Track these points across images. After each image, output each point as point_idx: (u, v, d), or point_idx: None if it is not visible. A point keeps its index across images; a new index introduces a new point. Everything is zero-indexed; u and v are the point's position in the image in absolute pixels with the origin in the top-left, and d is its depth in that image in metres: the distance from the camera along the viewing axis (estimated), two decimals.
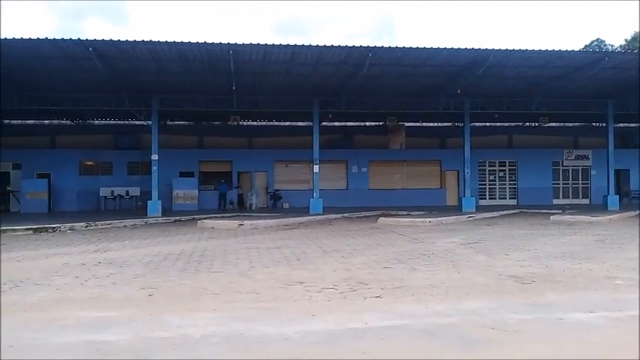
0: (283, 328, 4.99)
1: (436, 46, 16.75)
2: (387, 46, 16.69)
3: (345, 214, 21.09)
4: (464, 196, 23.45)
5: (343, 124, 29.54)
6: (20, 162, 26.05)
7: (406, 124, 29.00)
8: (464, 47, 16.83)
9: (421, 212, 21.17)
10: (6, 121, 27.59)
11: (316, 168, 22.33)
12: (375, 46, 16.58)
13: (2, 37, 14.93)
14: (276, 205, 26.62)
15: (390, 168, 28.60)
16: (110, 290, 6.89)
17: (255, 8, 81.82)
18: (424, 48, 16.85)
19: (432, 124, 30.61)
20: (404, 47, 16.78)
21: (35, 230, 15.67)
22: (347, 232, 14.60)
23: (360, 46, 16.54)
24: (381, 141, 29.60)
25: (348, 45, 16.51)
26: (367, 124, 30.12)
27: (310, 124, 23.03)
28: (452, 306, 5.87)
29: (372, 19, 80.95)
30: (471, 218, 19.39)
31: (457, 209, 23.07)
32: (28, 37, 15.03)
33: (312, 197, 22.28)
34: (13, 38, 14.99)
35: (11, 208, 25.59)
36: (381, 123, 28.87)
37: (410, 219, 17.76)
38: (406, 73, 19.39)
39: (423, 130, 30.55)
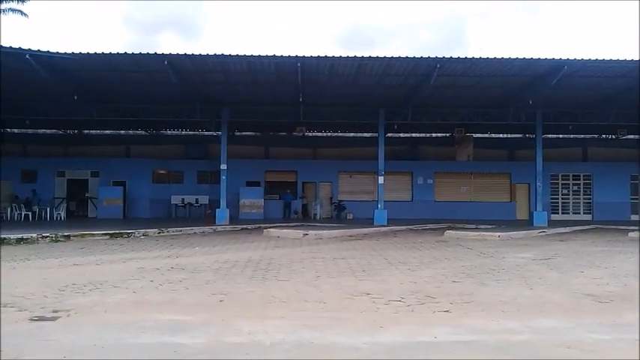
0: (352, 339, 4.98)
1: (507, 57, 16.34)
2: (456, 56, 16.45)
3: (410, 226, 20.84)
4: (535, 210, 22.61)
5: (409, 135, 29.26)
6: (98, 170, 27.50)
7: (474, 135, 28.39)
8: (537, 57, 16.33)
9: (489, 226, 20.60)
10: (85, 131, 29.24)
11: (381, 179, 22.22)
12: (444, 57, 16.37)
13: (84, 52, 15.83)
14: (339, 215, 26.67)
15: (457, 180, 28.07)
16: (183, 295, 7.12)
17: (321, 20, 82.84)
18: (495, 58, 16.48)
19: (501, 136, 29.77)
20: (473, 58, 16.49)
21: (112, 235, 16.44)
22: (412, 245, 14.42)
23: (428, 57, 16.39)
24: (448, 152, 29.11)
25: (416, 56, 16.40)
26: (433, 135, 29.71)
27: (375, 135, 22.96)
28: (524, 323, 5.67)
29: (441, 31, 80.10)
30: (542, 233, 18.66)
31: (528, 224, 22.26)
32: (109, 52, 15.90)
33: (377, 208, 22.17)
34: (95, 53, 15.89)
35: (89, 214, 27.01)
36: (447, 134, 28.43)
37: (478, 232, 17.31)
38: (475, 83, 19.02)
39: (492, 142, 29.78)
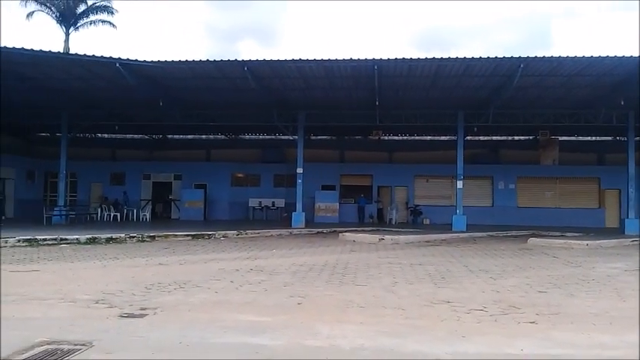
0: (433, 348, 4.86)
1: (597, 55, 15.44)
2: (542, 56, 15.73)
3: (491, 233, 20.14)
4: (627, 217, 21.20)
5: (489, 137, 28.31)
6: (181, 173, 28.66)
7: (560, 137, 27.03)
8: (629, 55, 15.31)
9: (576, 234, 19.53)
10: (169, 136, 30.57)
11: (460, 183, 21.65)
12: (528, 57, 15.70)
13: (170, 60, 16.51)
14: (416, 220, 26.25)
15: (541, 185, 26.86)
16: (262, 296, 7.22)
17: (397, 22, 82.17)
18: (582, 57, 15.61)
19: (589, 138, 28.17)
20: (560, 57, 15.69)
21: (193, 236, 17.05)
22: (494, 252, 13.91)
23: (511, 57, 15.78)
24: (531, 156, 27.88)
25: (498, 56, 15.84)
26: (516, 138, 28.60)
27: (454, 137, 22.41)
28: (618, 337, 5.32)
29: (521, 31, 77.24)
30: (635, 242, 17.44)
31: (618, 232, 20.91)
32: (192, 60, 16.51)
33: (455, 214, 21.63)
34: (180, 61, 16.54)
35: (172, 215, 28.19)
36: (531, 137, 27.30)
37: (564, 240, 16.45)
38: (561, 83, 18.12)
39: (579, 145, 28.20)
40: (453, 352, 4.74)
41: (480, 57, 15.90)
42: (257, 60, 16.48)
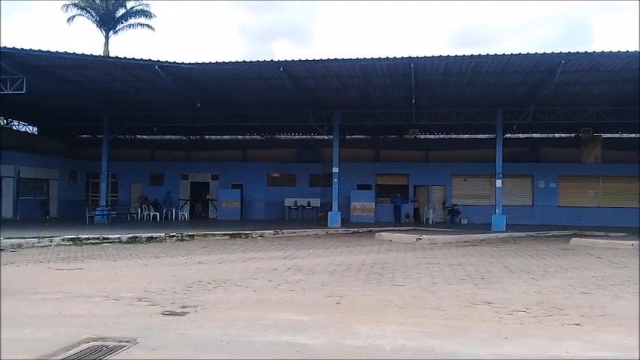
0: (475, 349, 4.77)
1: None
2: (584, 51, 15.31)
3: (531, 233, 19.70)
4: None
5: (529, 135, 27.75)
6: (218, 173, 29.07)
7: (602, 135, 26.25)
8: None
9: (621, 233, 18.91)
10: (206, 137, 31.03)
11: (499, 182, 21.28)
12: (569, 52, 15.30)
13: (207, 61, 16.71)
14: (453, 220, 25.91)
15: (583, 184, 26.14)
16: (300, 295, 7.25)
17: (433, 20, 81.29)
18: (625, 52, 15.12)
19: (634, 136, 27.27)
20: (603, 52, 15.23)
21: (231, 236, 17.25)
22: (535, 252, 13.61)
23: (552, 52, 15.42)
24: (572, 154, 27.15)
25: (538, 52, 15.50)
26: (556, 135, 27.92)
27: (492, 136, 22.05)
28: None
29: (561, 28, 75.36)
30: None
31: None
32: (229, 61, 16.71)
33: (494, 213, 21.27)
34: (217, 62, 16.74)
35: (210, 215, 28.61)
36: (572, 134, 26.63)
37: (608, 240, 15.95)
38: (604, 79, 17.60)
39: (624, 143, 27.31)
40: (496, 353, 4.64)
41: (520, 53, 15.61)
42: (292, 60, 16.55)
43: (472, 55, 15.79)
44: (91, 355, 4.40)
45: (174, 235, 16.32)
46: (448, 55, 15.83)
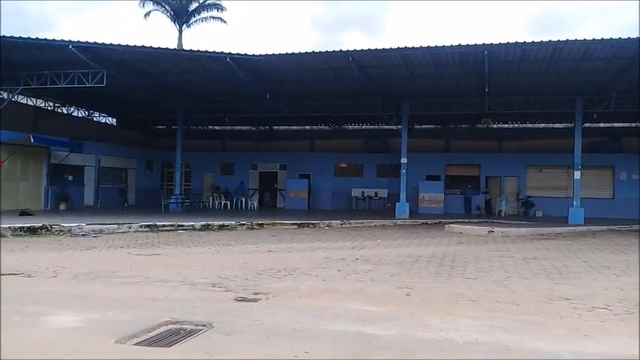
0: (553, 346, 4.58)
1: None
2: None
3: (612, 227, 18.66)
4: None
5: (610, 125, 26.25)
6: (286, 163, 29.46)
7: None
8: None
9: None
10: (275, 127, 31.48)
11: (577, 174, 20.31)
12: None
13: (277, 53, 16.89)
14: (527, 212, 24.99)
15: None
16: (369, 286, 7.22)
17: (506, 6, 78.30)
18: None
19: None
20: None
21: (299, 225, 17.46)
22: (616, 247, 12.90)
23: (637, 37, 14.46)
24: None
25: (622, 37, 14.58)
26: None
27: (570, 125, 21.03)
28: None
29: None
30: None
31: None
32: (299, 52, 16.83)
33: (572, 206, 20.34)
34: (287, 53, 16.91)
35: (278, 204, 29.08)
36: None
37: None
38: None
39: None
40: (575, 351, 4.43)
41: (602, 38, 14.74)
42: (361, 50, 16.43)
43: (550, 41, 15.06)
44: (170, 338, 4.57)
45: (244, 224, 16.71)
46: (524, 42, 15.20)
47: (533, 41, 15.12)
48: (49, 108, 25.75)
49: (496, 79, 18.60)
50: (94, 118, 29.31)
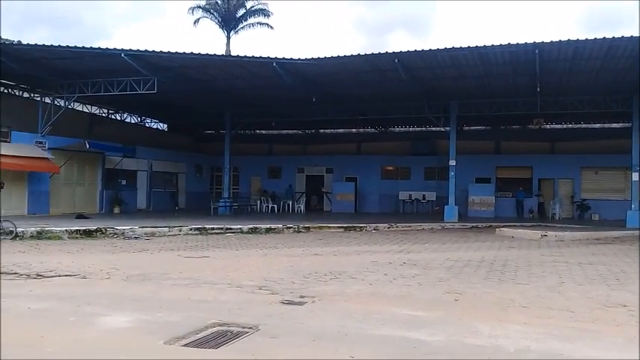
0: (609, 355, 4.43)
1: None
2: None
3: None
4: None
5: None
6: (332, 167, 29.49)
7: None
8: None
9: None
10: (321, 131, 31.56)
11: (636, 175, 19.45)
12: None
13: (322, 56, 16.91)
14: (582, 216, 24.10)
15: None
16: (417, 290, 7.13)
17: (557, 3, 75.97)
18: None
19: None
20: None
21: (345, 228, 17.44)
22: None
23: None
24: None
25: None
26: None
27: (627, 125, 20.14)
28: None
29: None
30: None
31: None
32: (344, 55, 16.77)
33: (630, 209, 19.47)
34: (331, 57, 16.86)
35: (324, 207, 29.12)
36: None
37: None
38: None
39: None
40: None
41: None
42: (408, 51, 16.28)
43: (605, 38, 14.48)
44: (217, 340, 4.64)
45: (291, 227, 16.82)
46: (577, 40, 14.67)
47: (586, 39, 14.59)
48: (103, 115, 26.72)
49: (548, 78, 18.03)
50: (146, 124, 30.23)
